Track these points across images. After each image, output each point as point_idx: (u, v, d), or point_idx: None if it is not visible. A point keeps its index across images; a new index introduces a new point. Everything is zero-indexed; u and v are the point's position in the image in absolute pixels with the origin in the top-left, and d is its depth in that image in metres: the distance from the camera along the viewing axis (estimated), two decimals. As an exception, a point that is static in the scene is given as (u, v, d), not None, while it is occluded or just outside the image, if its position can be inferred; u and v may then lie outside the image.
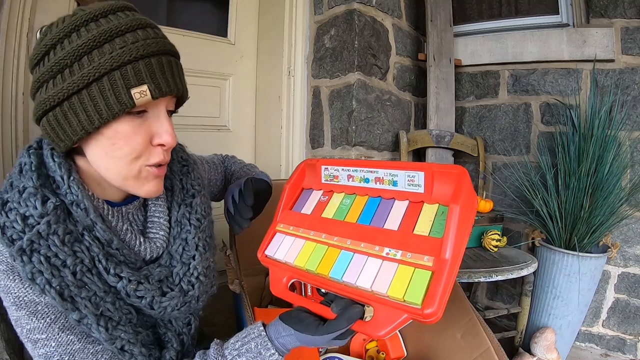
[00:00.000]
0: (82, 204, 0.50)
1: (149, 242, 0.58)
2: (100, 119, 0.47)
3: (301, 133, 1.60)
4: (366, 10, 1.48)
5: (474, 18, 1.88)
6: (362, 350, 1.06)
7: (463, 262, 1.33)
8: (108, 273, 0.50)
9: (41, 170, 0.51)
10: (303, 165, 0.71)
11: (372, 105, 1.54)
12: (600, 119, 1.44)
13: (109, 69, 0.45)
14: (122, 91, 0.46)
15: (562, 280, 1.43)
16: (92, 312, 0.47)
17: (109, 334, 0.49)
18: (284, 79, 1.59)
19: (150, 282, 0.54)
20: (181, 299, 0.56)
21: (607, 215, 1.41)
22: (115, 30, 0.47)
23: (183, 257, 0.60)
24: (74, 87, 0.46)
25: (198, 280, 0.59)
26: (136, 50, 0.46)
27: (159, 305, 0.54)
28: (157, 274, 0.56)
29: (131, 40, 0.47)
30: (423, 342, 0.99)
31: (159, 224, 0.61)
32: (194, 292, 0.58)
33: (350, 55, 1.45)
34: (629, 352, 1.58)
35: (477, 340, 0.80)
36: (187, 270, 0.59)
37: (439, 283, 0.45)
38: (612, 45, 1.52)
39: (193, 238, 0.61)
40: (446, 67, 1.74)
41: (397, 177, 0.58)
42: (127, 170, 0.51)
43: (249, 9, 1.65)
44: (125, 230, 0.55)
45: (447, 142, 1.72)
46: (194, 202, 0.64)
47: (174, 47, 0.53)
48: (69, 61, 0.46)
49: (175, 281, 0.57)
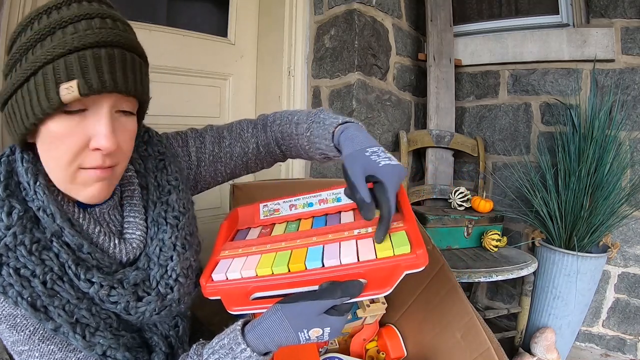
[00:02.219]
0: (48, 209, 0.48)
1: (125, 244, 0.55)
2: (34, 116, 0.44)
3: (301, 133, 1.60)
4: (366, 10, 1.48)
5: (474, 18, 1.88)
6: (362, 350, 1.06)
7: (463, 262, 1.33)
8: (79, 279, 0.47)
9: (10, 179, 0.49)
10: (234, 212, 0.68)
11: (372, 105, 1.54)
12: (600, 119, 1.44)
13: (43, 63, 0.42)
14: (52, 87, 0.42)
15: (562, 280, 1.43)
16: (67, 321, 0.46)
17: (87, 341, 0.47)
18: (284, 79, 1.59)
19: (124, 287, 0.51)
20: (159, 303, 0.53)
21: (607, 215, 1.41)
22: (59, 22, 0.44)
23: (160, 258, 0.56)
24: (18, 82, 0.44)
25: (177, 282, 0.56)
26: (71, 42, 0.42)
27: (135, 311, 0.51)
28: (132, 277, 0.52)
29: (70, 32, 0.43)
30: (423, 342, 0.99)
31: (135, 224, 0.57)
32: (173, 295, 0.55)
33: (350, 55, 1.45)
34: (629, 352, 1.58)
35: (477, 340, 0.80)
36: (164, 273, 0.55)
37: (415, 234, 0.49)
38: (612, 45, 1.52)
39: (170, 238, 0.57)
40: (446, 67, 1.74)
41: (340, 194, 0.59)
42: (63, 173, 0.47)
43: (249, 9, 1.64)
44: (98, 232, 0.52)
45: (447, 142, 1.72)
46: (170, 199, 0.60)
47: (127, 39, 0.47)
48: (19, 55, 0.45)
49: (152, 285, 0.54)
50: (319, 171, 1.57)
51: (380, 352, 1.06)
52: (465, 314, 0.84)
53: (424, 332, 0.98)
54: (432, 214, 1.47)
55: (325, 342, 0.95)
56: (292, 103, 1.58)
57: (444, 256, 0.93)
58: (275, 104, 1.62)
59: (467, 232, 1.50)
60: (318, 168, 1.58)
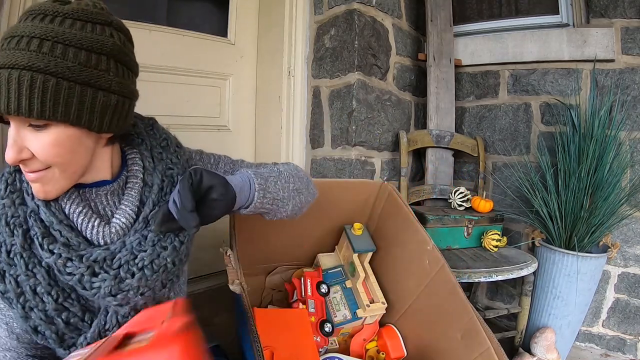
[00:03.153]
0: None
1: (106, 227, 0.58)
2: None
3: (301, 133, 1.60)
4: (366, 10, 1.48)
5: (474, 18, 1.88)
6: (362, 350, 1.06)
7: (463, 262, 1.33)
8: (42, 249, 0.53)
9: None
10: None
11: (372, 105, 1.54)
12: (600, 119, 1.44)
13: None
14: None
15: (562, 280, 1.43)
16: (14, 290, 0.52)
17: (25, 312, 0.53)
18: (284, 79, 1.59)
19: (82, 261, 0.54)
20: (115, 284, 0.54)
21: (607, 215, 1.41)
22: (6, 35, 0.49)
23: (135, 248, 0.58)
24: None
25: (141, 272, 0.56)
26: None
27: (90, 285, 0.54)
28: (95, 254, 0.55)
29: (1, 47, 0.49)
30: (423, 342, 0.99)
31: (124, 212, 0.60)
32: (132, 282, 0.55)
33: (350, 55, 1.45)
34: (629, 352, 1.58)
35: (477, 340, 0.80)
36: (132, 259, 0.56)
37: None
38: (612, 45, 1.52)
39: (154, 237, 0.59)
40: (446, 67, 1.75)
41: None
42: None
43: (249, 9, 1.64)
44: (79, 212, 0.57)
45: (447, 142, 1.72)
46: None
47: (55, 65, 0.48)
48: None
49: (114, 265, 0.55)
50: (319, 171, 1.57)
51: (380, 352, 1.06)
52: (465, 314, 0.84)
53: (424, 332, 0.98)
54: (432, 214, 1.47)
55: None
56: (292, 103, 1.58)
57: (444, 256, 0.93)
58: (275, 104, 1.62)
59: (467, 232, 1.50)
60: (318, 168, 1.58)
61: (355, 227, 1.10)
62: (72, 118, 0.51)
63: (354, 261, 1.07)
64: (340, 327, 1.02)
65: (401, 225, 1.06)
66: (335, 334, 1.02)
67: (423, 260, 0.97)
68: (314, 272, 1.10)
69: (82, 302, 0.56)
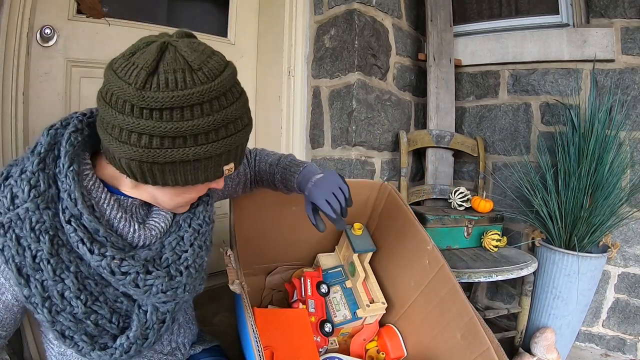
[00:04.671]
0: (72, 194, 0.53)
1: (145, 230, 0.60)
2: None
3: (301, 133, 1.60)
4: (366, 10, 1.48)
5: (474, 18, 1.88)
6: (362, 350, 1.06)
7: (463, 262, 1.33)
8: (92, 253, 0.53)
9: (50, 152, 0.55)
10: None
11: (372, 105, 1.54)
12: (600, 119, 1.44)
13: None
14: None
15: (562, 280, 1.43)
16: (40, 294, 0.52)
17: (51, 316, 0.52)
18: (284, 79, 1.59)
19: (135, 260, 0.55)
20: (167, 281, 0.57)
21: (607, 215, 1.41)
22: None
23: (176, 249, 0.61)
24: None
25: (187, 270, 0.60)
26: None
27: (144, 283, 0.55)
28: (144, 254, 0.57)
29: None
30: (423, 342, 0.99)
31: (164, 216, 0.63)
32: (182, 279, 0.59)
33: (350, 55, 1.45)
34: (629, 352, 1.58)
35: (477, 340, 0.80)
36: (177, 259, 0.60)
37: None
38: (612, 45, 1.52)
39: (189, 237, 0.63)
40: (446, 67, 1.75)
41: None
42: None
43: (249, 9, 1.64)
44: (120, 217, 0.58)
45: (447, 142, 1.72)
46: (197, 210, 0.67)
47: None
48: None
49: (163, 264, 0.59)
50: (319, 171, 1.57)
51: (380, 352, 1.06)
52: (465, 314, 0.84)
53: (424, 332, 0.98)
54: (432, 214, 1.47)
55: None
56: (292, 103, 1.59)
57: (444, 256, 0.93)
58: (275, 104, 1.62)
59: (467, 232, 1.50)
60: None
61: (355, 227, 1.10)
62: None
63: (354, 261, 1.07)
64: (340, 327, 1.02)
65: (401, 225, 1.06)
66: (335, 334, 1.02)
67: (423, 260, 0.97)
68: (314, 272, 1.09)
69: (110, 305, 0.57)
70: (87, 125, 0.59)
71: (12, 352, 0.89)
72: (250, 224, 1.03)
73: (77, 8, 1.16)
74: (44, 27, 1.09)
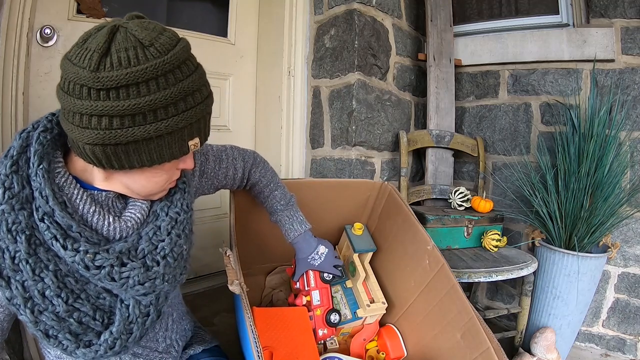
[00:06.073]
0: (43, 192, 0.54)
1: (120, 223, 0.60)
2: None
3: (301, 133, 1.60)
4: (366, 10, 1.48)
5: (474, 18, 1.88)
6: (362, 350, 1.06)
7: (463, 262, 1.33)
8: (65, 249, 0.53)
9: (23, 155, 0.55)
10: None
11: (372, 105, 1.54)
12: (600, 119, 1.44)
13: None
14: None
15: (562, 280, 1.42)
16: (21, 295, 0.52)
17: (34, 316, 0.53)
18: (284, 79, 1.59)
19: (109, 253, 0.55)
20: (143, 272, 0.57)
21: (607, 215, 1.41)
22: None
23: (152, 239, 0.61)
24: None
25: (164, 260, 0.60)
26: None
27: (119, 276, 0.55)
28: (119, 247, 0.57)
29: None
30: (423, 342, 0.99)
31: (139, 207, 0.63)
32: (159, 270, 0.59)
33: (350, 55, 1.45)
34: (629, 352, 1.58)
35: (477, 340, 0.80)
36: (153, 249, 0.60)
37: None
38: (612, 45, 1.52)
39: (167, 226, 0.63)
40: (446, 67, 1.75)
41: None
42: None
43: (249, 9, 1.64)
44: (93, 212, 0.58)
45: (447, 142, 1.72)
46: (175, 198, 0.66)
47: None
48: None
49: (139, 255, 0.59)
50: (318, 171, 1.57)
51: (380, 352, 1.06)
52: (465, 314, 0.84)
53: (424, 332, 0.98)
54: (432, 214, 1.47)
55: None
56: (292, 103, 1.59)
57: (444, 256, 0.93)
58: (275, 104, 1.62)
59: (467, 232, 1.50)
60: (318, 168, 1.58)
61: (356, 227, 1.10)
62: None
63: (354, 261, 1.07)
64: (341, 327, 1.02)
65: (401, 225, 1.06)
66: (335, 334, 1.02)
67: (423, 260, 0.97)
68: (315, 271, 1.09)
69: (92, 301, 0.57)
70: (56, 124, 0.59)
71: (12, 352, 0.89)
72: (250, 224, 1.03)
73: (77, 8, 1.16)
74: (44, 27, 1.09)
